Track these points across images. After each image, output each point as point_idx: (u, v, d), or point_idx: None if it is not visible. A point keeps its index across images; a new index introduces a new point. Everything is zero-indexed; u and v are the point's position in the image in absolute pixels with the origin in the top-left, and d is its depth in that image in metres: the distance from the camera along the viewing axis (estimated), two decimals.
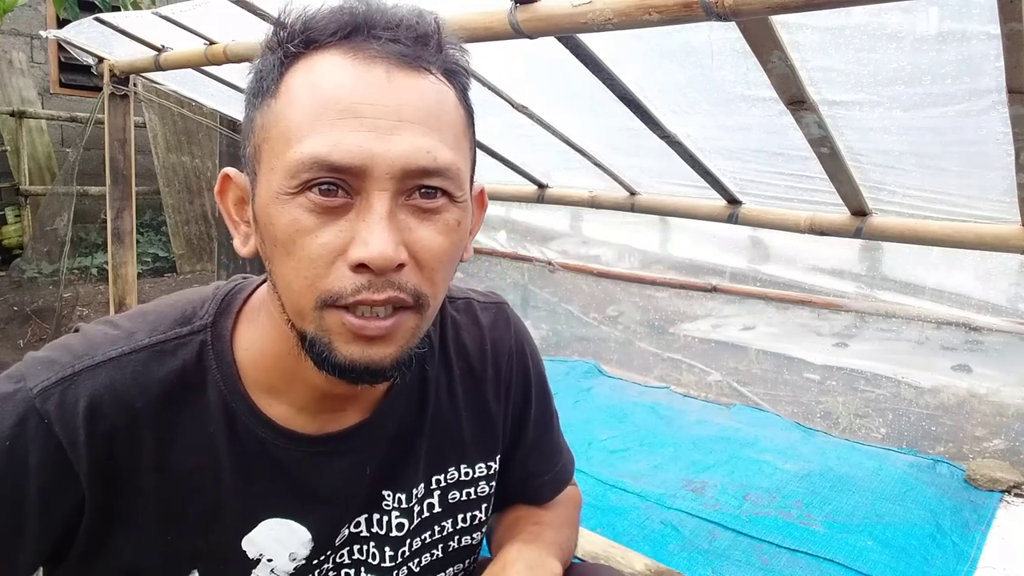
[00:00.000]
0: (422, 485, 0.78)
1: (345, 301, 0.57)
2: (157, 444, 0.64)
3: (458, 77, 0.63)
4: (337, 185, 0.56)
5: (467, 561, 0.86)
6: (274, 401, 0.68)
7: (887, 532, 1.80)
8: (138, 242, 3.16)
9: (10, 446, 0.59)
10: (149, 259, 5.81)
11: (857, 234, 1.80)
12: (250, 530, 0.69)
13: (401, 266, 0.57)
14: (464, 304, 0.84)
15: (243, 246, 0.65)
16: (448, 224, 0.60)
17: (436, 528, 0.81)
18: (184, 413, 0.66)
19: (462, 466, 0.81)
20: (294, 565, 0.71)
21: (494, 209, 3.80)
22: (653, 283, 3.31)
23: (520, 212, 3.74)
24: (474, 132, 0.66)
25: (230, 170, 0.66)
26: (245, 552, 0.69)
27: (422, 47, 0.59)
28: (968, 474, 2.12)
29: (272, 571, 0.70)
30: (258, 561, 0.70)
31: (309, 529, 0.71)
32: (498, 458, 0.84)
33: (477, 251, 3.83)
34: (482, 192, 0.71)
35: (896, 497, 1.99)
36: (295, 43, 0.59)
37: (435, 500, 0.80)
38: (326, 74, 0.57)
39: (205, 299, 0.70)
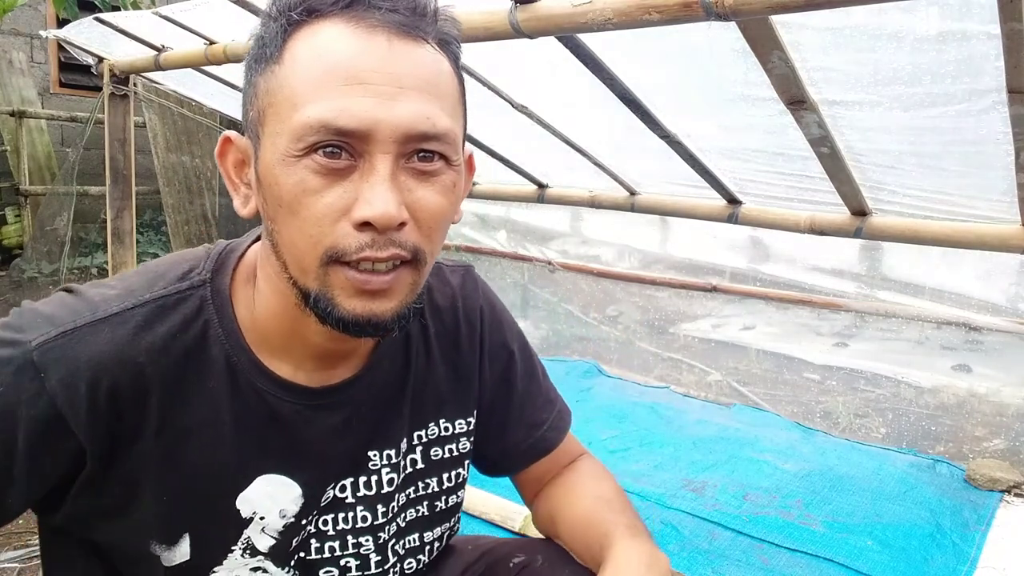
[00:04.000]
0: (405, 440, 0.81)
1: (349, 258, 0.59)
2: (161, 399, 0.65)
3: (451, 47, 0.66)
4: (342, 148, 0.58)
5: (451, 519, 0.89)
6: (272, 358, 0.70)
7: (887, 532, 1.80)
8: (138, 242, 3.15)
9: (1, 392, 0.59)
10: (149, 259, 5.80)
11: (857, 234, 1.79)
12: (246, 487, 0.70)
13: (402, 224, 0.60)
14: (435, 268, 0.87)
15: (243, 207, 0.67)
16: (445, 185, 0.63)
17: (420, 485, 0.83)
18: (187, 368, 0.67)
19: (441, 421, 0.84)
20: (283, 523, 0.73)
21: (494, 209, 3.79)
22: (653, 283, 3.31)
23: (520, 212, 3.73)
24: (466, 100, 0.69)
25: (231, 133, 0.68)
26: (239, 511, 0.71)
27: (419, 17, 0.62)
28: (968, 474, 2.12)
29: (263, 530, 0.72)
30: (250, 520, 0.71)
31: (300, 485, 0.73)
32: (475, 412, 0.87)
33: (477, 251, 3.84)
34: (471, 157, 0.75)
35: (896, 497, 1.99)
36: (298, 11, 0.60)
37: (418, 456, 0.83)
38: (330, 42, 0.59)
39: (199, 257, 0.72)
